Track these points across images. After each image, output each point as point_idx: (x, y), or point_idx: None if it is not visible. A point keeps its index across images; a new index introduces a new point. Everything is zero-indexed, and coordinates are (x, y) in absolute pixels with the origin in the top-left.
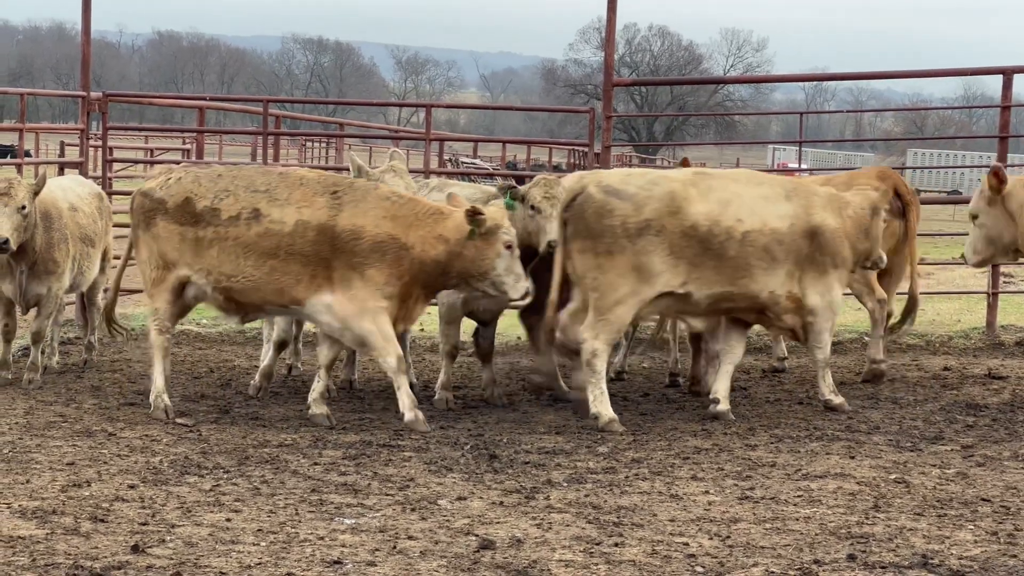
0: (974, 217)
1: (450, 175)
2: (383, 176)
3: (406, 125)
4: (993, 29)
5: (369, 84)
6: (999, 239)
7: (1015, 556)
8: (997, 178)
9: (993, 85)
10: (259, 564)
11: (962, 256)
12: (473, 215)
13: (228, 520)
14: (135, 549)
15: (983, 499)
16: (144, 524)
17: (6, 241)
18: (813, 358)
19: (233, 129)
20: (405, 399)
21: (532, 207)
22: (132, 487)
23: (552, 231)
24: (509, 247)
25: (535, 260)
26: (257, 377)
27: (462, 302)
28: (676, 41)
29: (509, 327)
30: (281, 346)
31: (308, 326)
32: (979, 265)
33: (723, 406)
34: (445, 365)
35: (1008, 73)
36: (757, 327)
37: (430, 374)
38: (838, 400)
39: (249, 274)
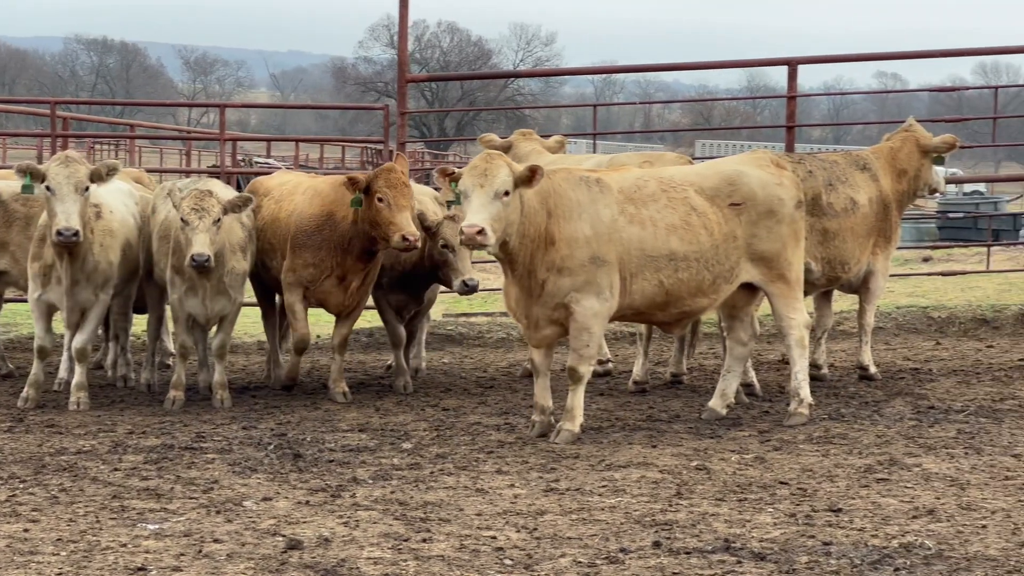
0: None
1: (244, 175)
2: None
3: (196, 126)
4: (776, 19)
5: (157, 85)
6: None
7: (813, 537)
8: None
9: (775, 77)
10: (59, 574)
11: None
12: None
13: (26, 531)
14: None
15: (781, 482)
16: None
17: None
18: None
19: (20, 132)
20: None
21: (182, 219)
22: None
23: (198, 244)
24: None
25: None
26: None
27: None
28: (465, 36)
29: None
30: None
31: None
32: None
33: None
34: None
35: (793, 64)
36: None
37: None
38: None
39: None
